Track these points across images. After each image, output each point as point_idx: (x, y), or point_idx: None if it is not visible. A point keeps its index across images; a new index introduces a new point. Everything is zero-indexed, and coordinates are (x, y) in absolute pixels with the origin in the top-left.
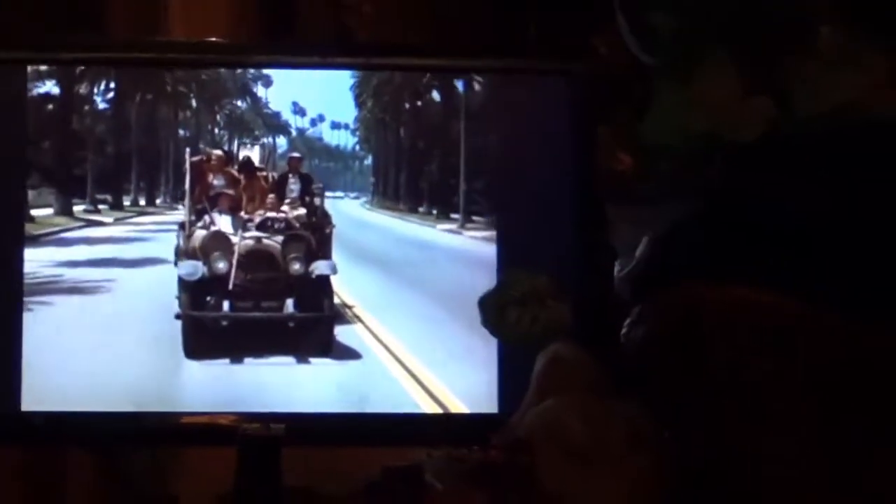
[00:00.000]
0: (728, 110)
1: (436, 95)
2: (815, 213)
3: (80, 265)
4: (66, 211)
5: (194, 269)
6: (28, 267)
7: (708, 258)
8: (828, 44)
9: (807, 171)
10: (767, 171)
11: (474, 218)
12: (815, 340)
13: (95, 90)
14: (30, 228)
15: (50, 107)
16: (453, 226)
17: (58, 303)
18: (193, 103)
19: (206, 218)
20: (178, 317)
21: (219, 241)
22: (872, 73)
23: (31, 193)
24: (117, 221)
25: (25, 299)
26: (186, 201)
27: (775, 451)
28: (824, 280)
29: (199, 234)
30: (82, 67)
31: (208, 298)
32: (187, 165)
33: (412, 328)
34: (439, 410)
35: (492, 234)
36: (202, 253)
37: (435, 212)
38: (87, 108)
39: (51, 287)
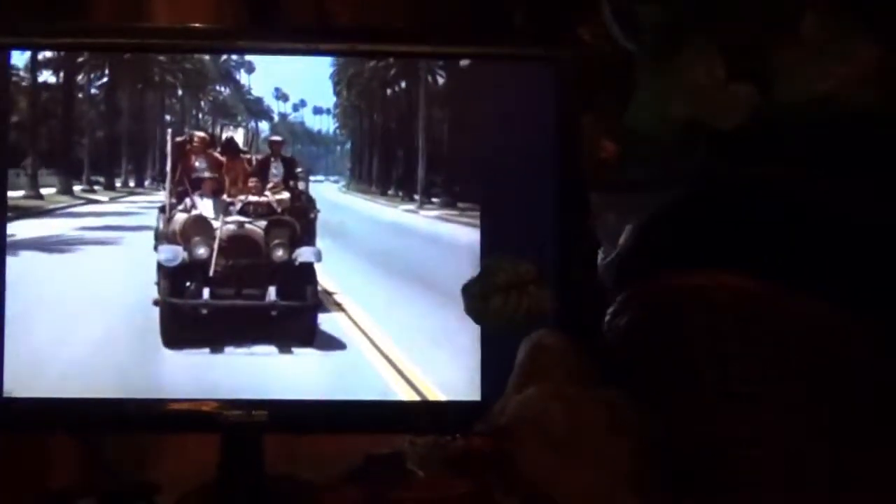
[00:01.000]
0: (710, 97)
1: (404, 84)
2: (798, 201)
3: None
4: (67, 191)
5: (174, 254)
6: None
7: (691, 245)
8: (813, 32)
9: (789, 159)
10: (750, 159)
11: (433, 200)
12: (799, 327)
13: (91, 78)
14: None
15: (48, 94)
16: (412, 206)
17: (41, 285)
18: (179, 91)
19: (188, 201)
20: (156, 303)
21: (200, 226)
22: (859, 63)
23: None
24: (112, 200)
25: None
26: (167, 183)
27: (758, 436)
28: (807, 268)
29: (180, 217)
30: (81, 58)
31: (188, 284)
32: (168, 147)
33: (393, 315)
34: (421, 398)
35: (446, 213)
36: (182, 237)
37: (400, 194)
38: (80, 95)
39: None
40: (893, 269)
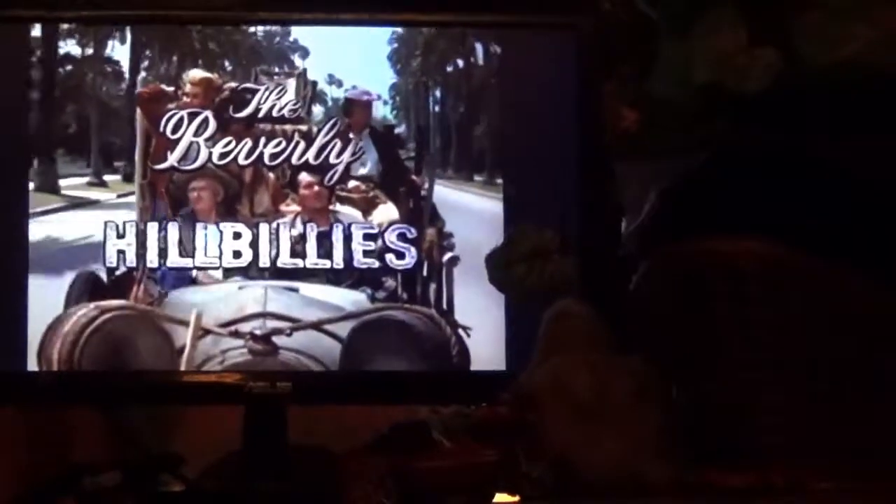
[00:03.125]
0: (733, 62)
1: (460, 62)
2: (822, 166)
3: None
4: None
5: None
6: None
7: (714, 212)
8: None
9: (813, 123)
10: (773, 124)
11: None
12: (823, 293)
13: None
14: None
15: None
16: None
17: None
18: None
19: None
20: None
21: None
22: (881, 26)
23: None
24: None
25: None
26: None
27: (782, 402)
28: (831, 233)
29: None
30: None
31: None
32: None
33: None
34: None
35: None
36: None
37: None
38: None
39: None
40: None
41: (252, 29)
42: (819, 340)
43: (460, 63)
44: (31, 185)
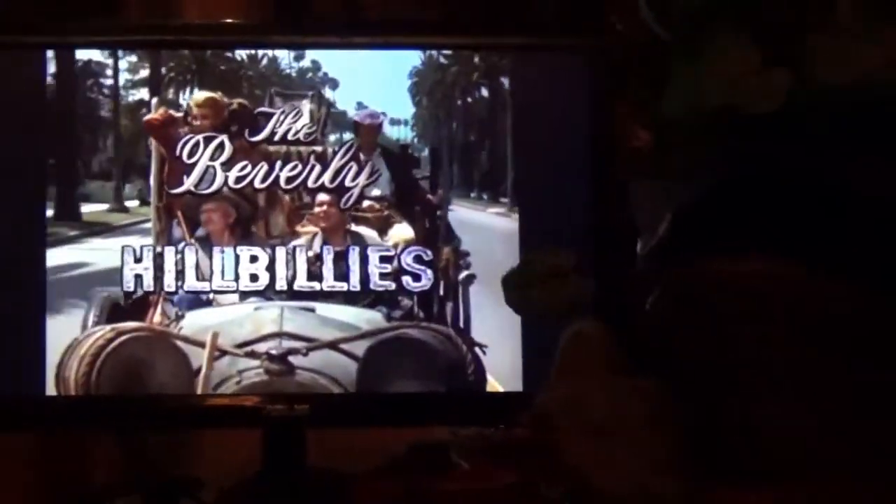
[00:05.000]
0: (745, 83)
1: (484, 92)
2: (834, 186)
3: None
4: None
5: None
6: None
7: (729, 232)
8: (847, 17)
9: (825, 144)
10: (786, 144)
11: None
12: (838, 313)
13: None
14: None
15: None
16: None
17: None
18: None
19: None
20: None
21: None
22: (894, 46)
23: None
24: None
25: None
26: None
27: (797, 423)
28: (845, 253)
29: None
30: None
31: None
32: None
33: None
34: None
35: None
36: None
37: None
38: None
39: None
40: None
41: (266, 52)
42: (834, 361)
43: (474, 84)
44: (49, 211)
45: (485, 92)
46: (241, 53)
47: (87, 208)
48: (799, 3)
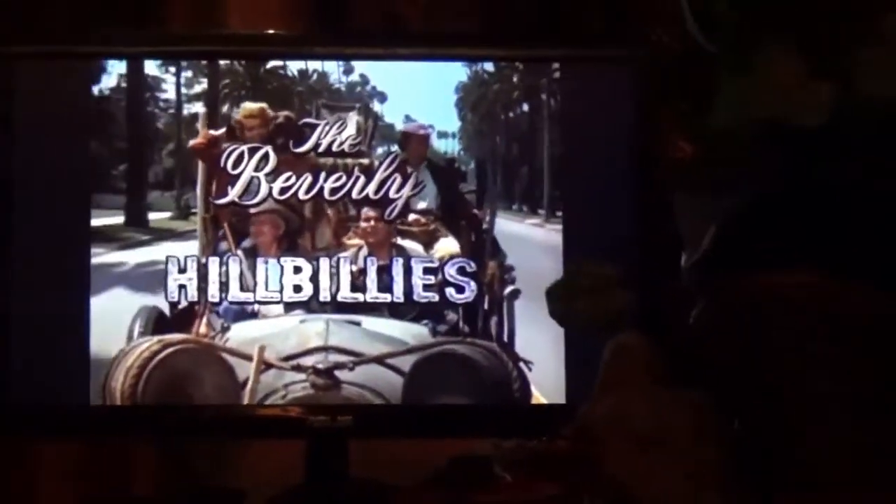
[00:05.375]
0: (791, 96)
1: (528, 104)
2: (881, 200)
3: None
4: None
5: None
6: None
7: (773, 246)
8: (893, 30)
9: (871, 157)
10: (832, 158)
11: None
12: (882, 327)
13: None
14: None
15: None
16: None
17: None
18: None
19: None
20: None
21: None
22: None
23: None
24: None
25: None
26: None
27: (841, 436)
28: (890, 267)
29: None
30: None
31: None
32: None
33: None
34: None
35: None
36: None
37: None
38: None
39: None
40: None
41: (317, 67)
42: (880, 374)
43: (519, 97)
44: (120, 219)
45: (529, 105)
46: (293, 69)
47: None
48: (845, 16)
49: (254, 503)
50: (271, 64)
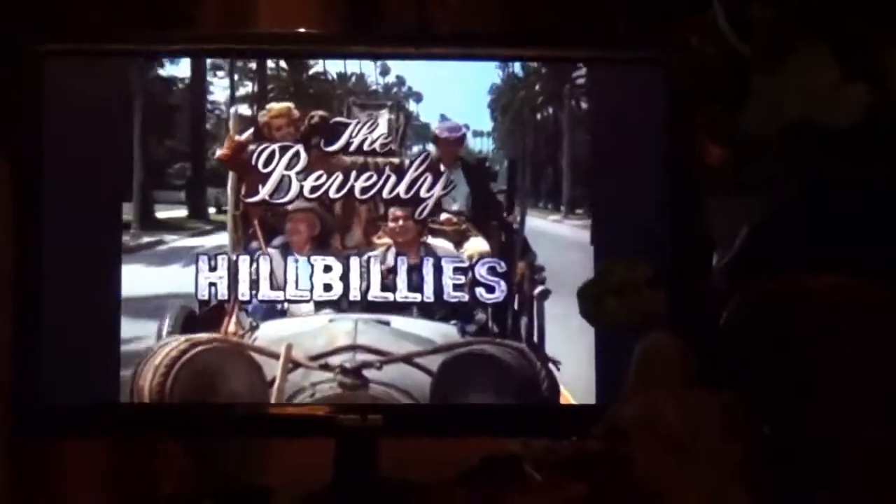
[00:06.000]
0: (824, 97)
1: (560, 105)
2: None
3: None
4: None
5: None
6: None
7: (804, 247)
8: None
9: None
10: (864, 159)
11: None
12: None
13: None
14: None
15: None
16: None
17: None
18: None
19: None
20: None
21: None
22: None
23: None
24: None
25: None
26: None
27: (870, 440)
28: None
29: None
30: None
31: None
32: None
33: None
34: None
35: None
36: None
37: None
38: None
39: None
40: None
41: (354, 70)
42: None
43: (551, 98)
44: (125, 219)
45: (560, 105)
46: (332, 72)
47: (161, 215)
48: (878, 17)
49: (282, 501)
50: (313, 70)
